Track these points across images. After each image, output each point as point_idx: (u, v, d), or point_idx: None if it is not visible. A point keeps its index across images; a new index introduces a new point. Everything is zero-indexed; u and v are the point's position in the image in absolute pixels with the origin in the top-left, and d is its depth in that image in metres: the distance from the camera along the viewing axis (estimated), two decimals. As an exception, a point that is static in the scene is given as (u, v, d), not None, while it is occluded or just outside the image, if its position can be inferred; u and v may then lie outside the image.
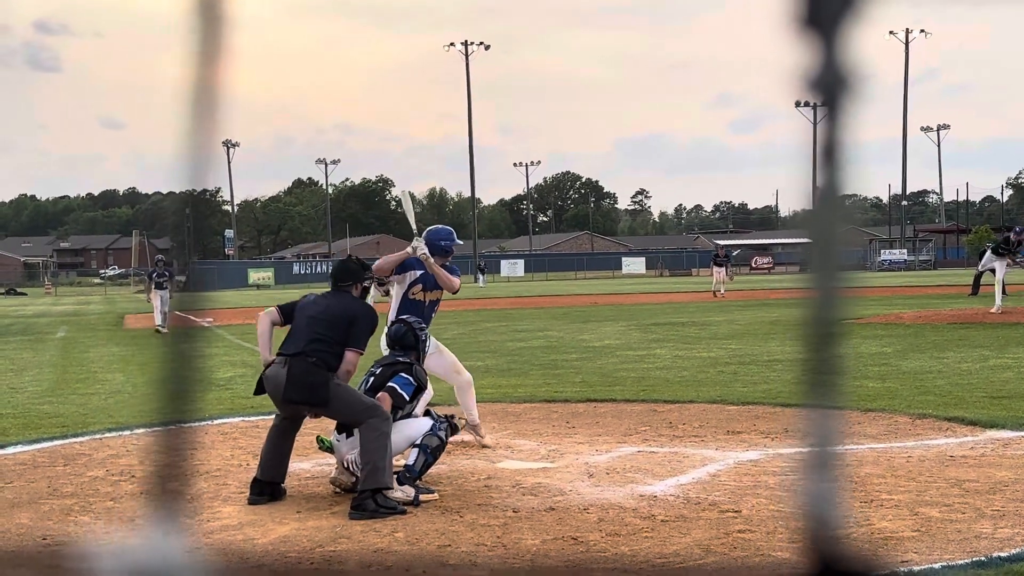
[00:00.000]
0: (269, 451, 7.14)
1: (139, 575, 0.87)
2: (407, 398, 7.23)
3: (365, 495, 6.57)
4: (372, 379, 7.44)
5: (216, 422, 10.63)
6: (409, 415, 7.28)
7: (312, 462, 8.30)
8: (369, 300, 7.76)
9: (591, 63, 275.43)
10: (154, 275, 27.50)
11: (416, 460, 7.05)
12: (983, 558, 5.26)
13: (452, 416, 7.60)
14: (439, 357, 8.56)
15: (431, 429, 7.21)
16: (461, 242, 9.28)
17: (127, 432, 10.17)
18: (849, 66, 0.77)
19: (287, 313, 7.38)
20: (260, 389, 7.27)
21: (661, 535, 5.88)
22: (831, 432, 0.80)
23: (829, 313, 0.81)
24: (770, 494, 6.77)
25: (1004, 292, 23.67)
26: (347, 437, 7.06)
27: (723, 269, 40.75)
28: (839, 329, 0.82)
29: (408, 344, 7.65)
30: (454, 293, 8.71)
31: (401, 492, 6.76)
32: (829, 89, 0.78)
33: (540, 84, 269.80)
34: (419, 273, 8.44)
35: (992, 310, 22.81)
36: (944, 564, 5.20)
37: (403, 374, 7.35)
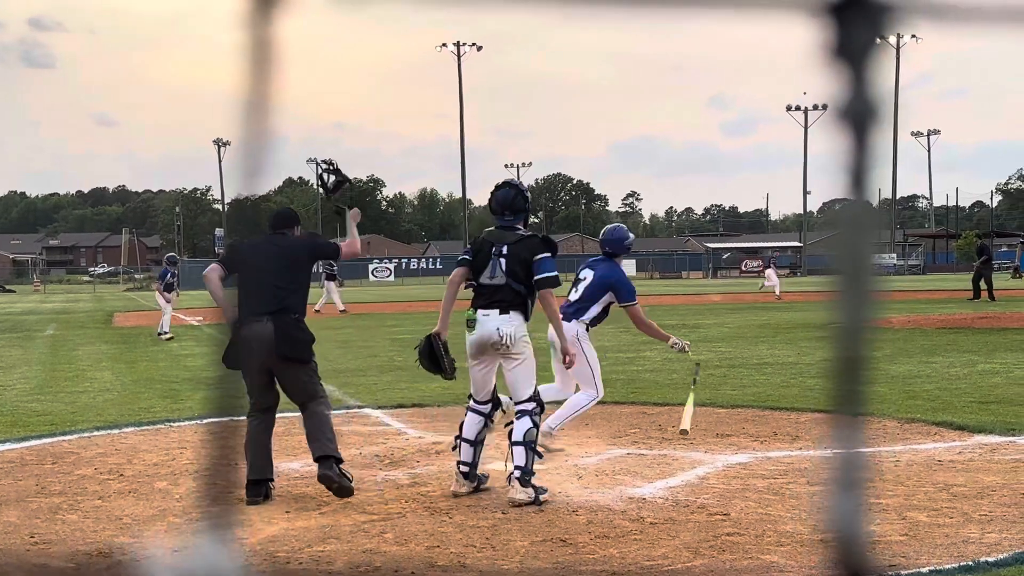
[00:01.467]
0: (255, 450, 7.09)
1: None
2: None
3: (330, 462, 6.82)
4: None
5: (205, 421, 10.60)
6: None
7: (301, 462, 8.28)
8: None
9: (585, 64, 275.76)
10: (167, 275, 24.28)
11: (527, 460, 6.85)
12: (971, 563, 5.28)
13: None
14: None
15: (531, 417, 6.98)
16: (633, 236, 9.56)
17: (116, 431, 10.15)
18: (877, 96, 0.78)
19: (229, 265, 7.54)
20: (233, 358, 7.02)
21: (650, 537, 5.89)
22: (858, 445, 0.81)
23: (859, 333, 0.82)
24: (759, 497, 6.78)
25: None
26: None
27: (773, 271, 43.55)
28: (868, 344, 0.83)
29: (519, 207, 7.21)
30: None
31: (524, 494, 6.70)
32: (859, 118, 0.79)
33: (533, 85, 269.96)
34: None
35: None
36: (932, 568, 5.22)
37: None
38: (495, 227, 7.18)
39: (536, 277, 6.90)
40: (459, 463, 7.08)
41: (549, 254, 7.00)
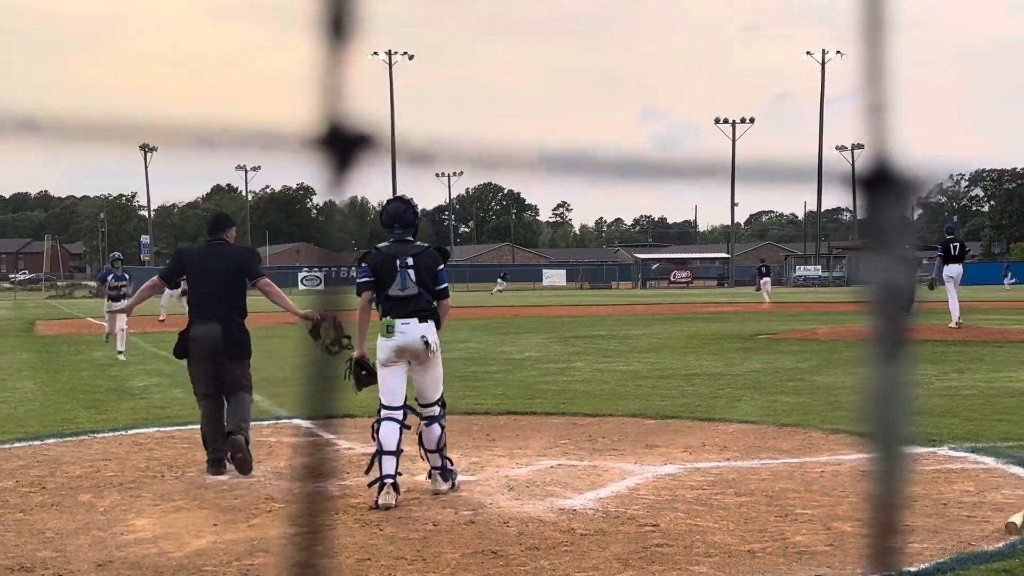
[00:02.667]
0: (211, 431, 8.24)
1: None
2: None
3: (240, 441, 7.97)
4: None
5: (130, 432, 10.46)
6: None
7: (230, 473, 8.20)
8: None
9: (517, 74, 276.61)
10: (110, 277, 21.32)
11: (443, 462, 7.48)
12: (893, 572, 5.37)
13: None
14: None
15: (439, 422, 7.51)
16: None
17: (38, 442, 9.95)
18: (907, 269, 0.83)
19: (169, 276, 8.89)
20: (184, 350, 8.37)
21: (580, 549, 5.91)
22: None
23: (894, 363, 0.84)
24: (688, 508, 6.85)
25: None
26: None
27: (769, 280, 44.55)
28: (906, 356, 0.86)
29: (409, 221, 7.56)
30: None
31: (447, 485, 7.41)
32: (892, 291, 0.82)
33: (465, 94, 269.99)
34: None
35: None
36: (856, 578, 5.31)
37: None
38: (390, 241, 7.49)
39: (436, 288, 7.41)
40: (383, 477, 7.07)
41: (444, 264, 7.54)
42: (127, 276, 21.49)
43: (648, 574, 5.45)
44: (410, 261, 7.32)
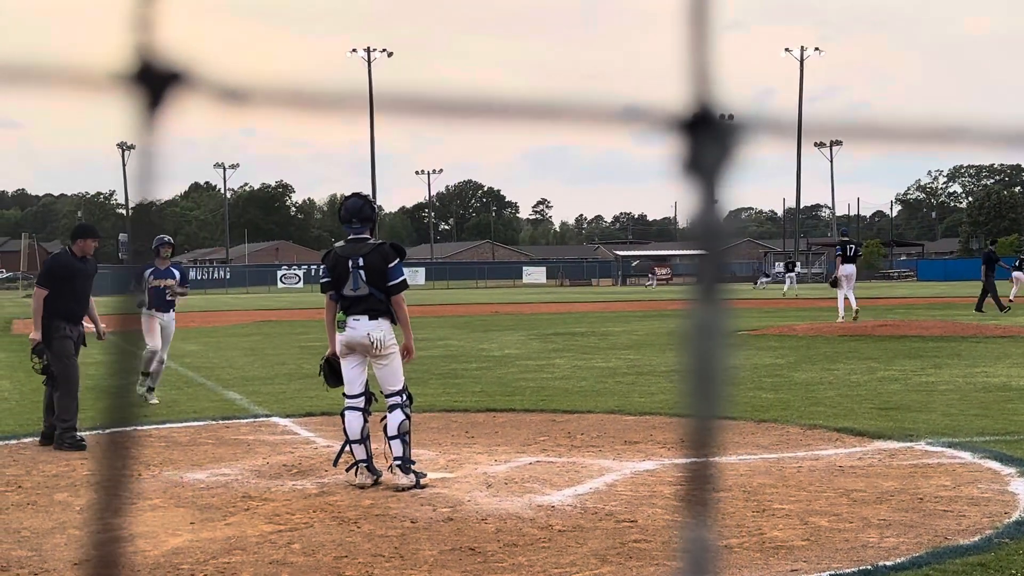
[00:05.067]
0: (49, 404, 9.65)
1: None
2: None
3: (67, 435, 9.32)
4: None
5: (107, 431, 10.39)
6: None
7: (207, 472, 8.17)
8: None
9: (497, 71, 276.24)
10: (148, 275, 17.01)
11: (404, 450, 7.49)
12: (869, 567, 5.41)
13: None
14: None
15: (402, 409, 7.60)
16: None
17: (13, 441, 9.90)
18: (725, 210, 0.85)
19: (49, 282, 9.72)
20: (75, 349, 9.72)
21: (558, 545, 5.92)
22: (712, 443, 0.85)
23: (713, 339, 0.86)
24: (666, 504, 6.86)
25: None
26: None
27: (795, 274, 44.69)
28: (725, 339, 0.87)
29: (366, 216, 7.75)
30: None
31: (407, 480, 7.39)
32: (708, 230, 0.84)
33: (445, 91, 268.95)
34: None
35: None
36: (832, 573, 5.34)
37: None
38: (345, 240, 7.76)
39: (388, 284, 7.57)
40: (357, 463, 7.59)
41: (399, 259, 7.71)
42: (177, 272, 13.17)
43: (626, 570, 5.45)
44: (361, 261, 7.57)
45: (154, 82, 0.78)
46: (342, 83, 0.83)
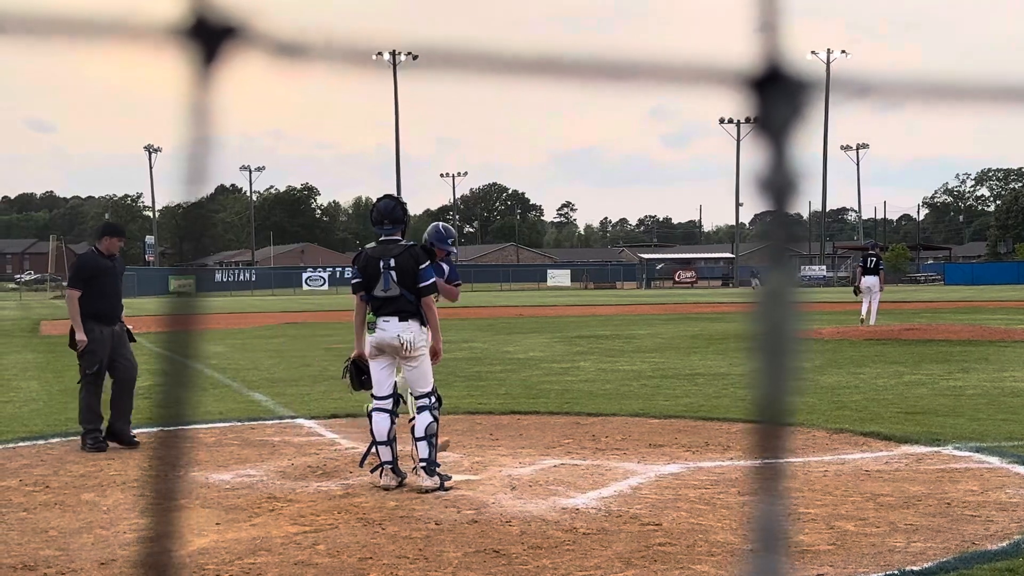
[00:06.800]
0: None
1: None
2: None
3: (88, 435, 9.42)
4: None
5: (133, 431, 10.44)
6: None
7: (233, 473, 8.20)
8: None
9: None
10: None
11: (430, 452, 7.50)
12: (896, 572, 5.37)
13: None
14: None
15: (430, 412, 7.63)
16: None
17: (41, 441, 9.98)
18: (797, 169, 0.82)
19: (79, 283, 9.68)
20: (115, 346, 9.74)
21: (583, 548, 5.91)
22: (783, 454, 0.83)
23: (784, 343, 0.85)
24: (691, 507, 6.84)
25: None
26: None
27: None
28: (794, 354, 0.86)
29: (397, 218, 7.75)
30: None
31: (431, 482, 7.38)
32: (779, 190, 0.82)
33: (475, 95, 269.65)
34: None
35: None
36: (859, 577, 5.30)
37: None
38: (377, 241, 7.81)
39: (418, 285, 7.57)
40: (383, 464, 7.61)
41: (430, 262, 7.73)
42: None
43: (651, 573, 5.44)
44: (392, 263, 7.59)
45: (209, 36, 0.76)
46: (392, 36, 0.79)
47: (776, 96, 0.82)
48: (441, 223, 8.92)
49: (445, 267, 8.49)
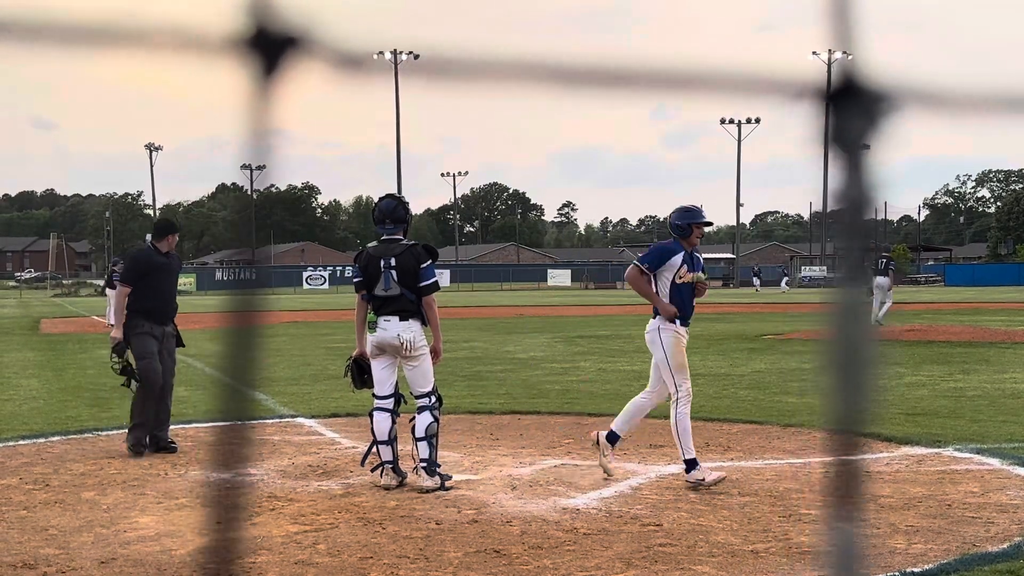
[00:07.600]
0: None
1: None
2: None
3: (131, 434, 9.14)
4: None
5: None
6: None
7: (233, 472, 8.19)
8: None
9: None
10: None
11: (430, 452, 7.51)
12: (897, 573, 5.37)
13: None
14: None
15: (431, 412, 7.64)
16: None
17: (42, 439, 9.97)
18: (872, 182, 0.82)
19: (132, 279, 9.32)
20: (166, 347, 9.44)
21: (583, 548, 5.91)
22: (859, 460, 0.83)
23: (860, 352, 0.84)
24: (691, 508, 6.84)
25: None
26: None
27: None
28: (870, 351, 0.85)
29: (399, 217, 7.76)
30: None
31: (431, 482, 7.39)
32: (854, 203, 0.82)
33: (473, 94, 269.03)
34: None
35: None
36: (859, 578, 5.29)
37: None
38: (378, 240, 7.79)
39: (420, 284, 7.52)
40: (383, 463, 7.63)
41: (431, 261, 7.70)
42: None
43: (651, 573, 5.44)
44: (393, 262, 7.58)
45: (269, 47, 0.74)
46: (455, 49, 0.79)
47: (851, 109, 0.81)
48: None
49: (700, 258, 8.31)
